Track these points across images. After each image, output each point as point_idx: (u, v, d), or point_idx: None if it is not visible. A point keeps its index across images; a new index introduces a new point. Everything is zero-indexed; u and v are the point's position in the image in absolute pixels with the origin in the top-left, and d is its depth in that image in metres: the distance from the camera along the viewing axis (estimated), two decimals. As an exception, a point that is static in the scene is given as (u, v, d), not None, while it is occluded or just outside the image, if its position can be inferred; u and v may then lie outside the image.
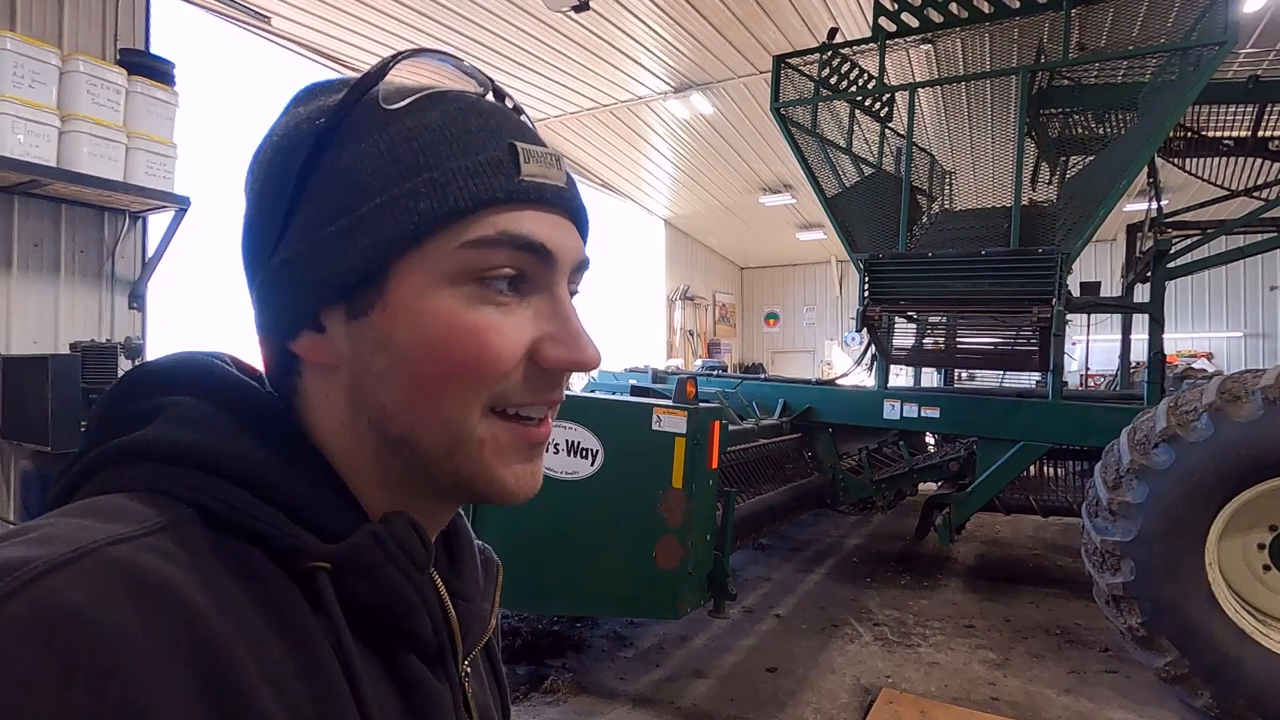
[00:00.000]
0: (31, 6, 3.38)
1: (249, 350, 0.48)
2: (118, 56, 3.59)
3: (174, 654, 0.30)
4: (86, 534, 0.32)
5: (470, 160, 0.41)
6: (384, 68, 0.43)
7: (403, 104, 0.42)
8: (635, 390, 4.56)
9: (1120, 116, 4.25)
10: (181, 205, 3.60)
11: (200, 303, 5.33)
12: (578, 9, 5.49)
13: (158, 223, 3.82)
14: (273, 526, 0.38)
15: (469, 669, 0.49)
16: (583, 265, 0.47)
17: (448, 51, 0.46)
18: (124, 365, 3.50)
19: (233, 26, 5.89)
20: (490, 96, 0.46)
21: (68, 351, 3.28)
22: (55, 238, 3.48)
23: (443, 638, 0.44)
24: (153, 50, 3.83)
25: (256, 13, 5.62)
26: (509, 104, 0.47)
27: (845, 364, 6.11)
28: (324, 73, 7.69)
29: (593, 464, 2.67)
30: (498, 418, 0.43)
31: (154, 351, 3.85)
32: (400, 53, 0.44)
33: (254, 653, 0.33)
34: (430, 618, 0.43)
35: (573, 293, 0.47)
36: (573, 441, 2.68)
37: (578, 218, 0.47)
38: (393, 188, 0.41)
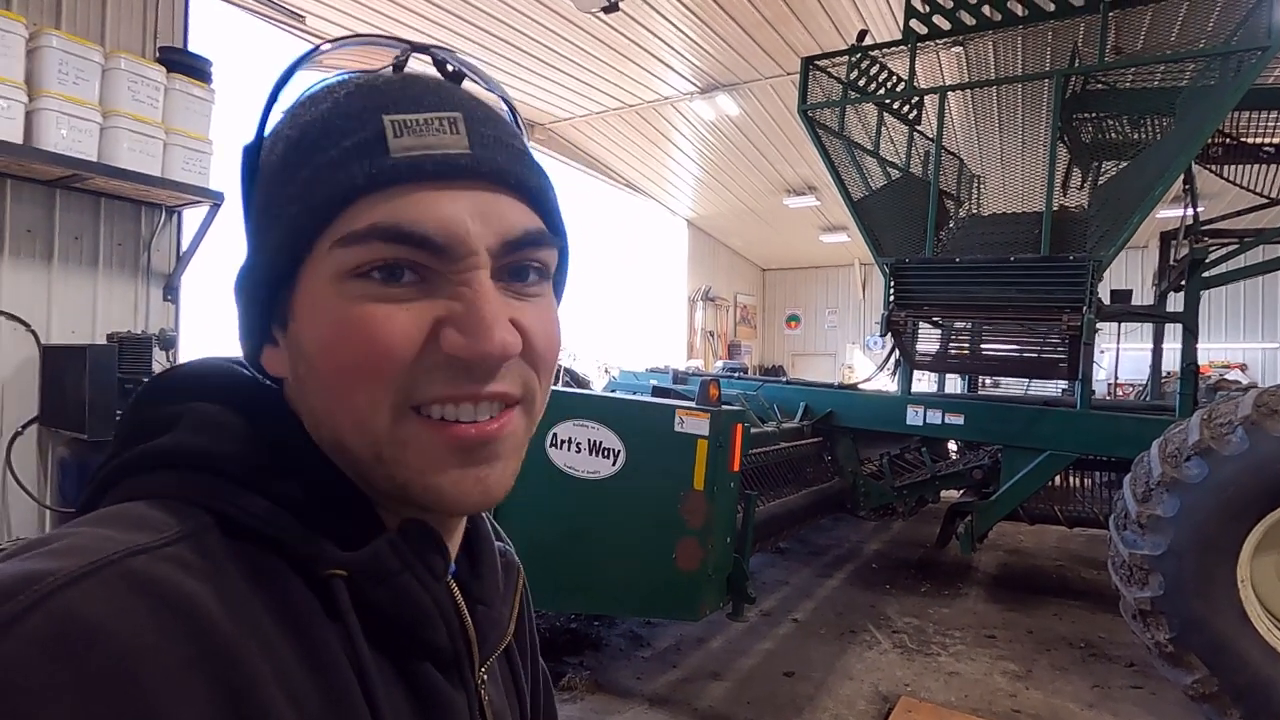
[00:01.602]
0: (76, 5, 3.47)
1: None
2: (157, 54, 3.67)
3: (191, 666, 0.31)
4: (107, 545, 0.32)
5: (335, 150, 0.38)
6: (290, 71, 0.41)
7: (297, 105, 0.41)
8: (656, 391, 4.56)
9: (1156, 122, 4.17)
10: (216, 201, 3.68)
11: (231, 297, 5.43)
12: (607, 10, 5.51)
13: (192, 217, 3.90)
14: (290, 534, 0.38)
15: (486, 676, 0.48)
16: (522, 241, 0.40)
17: (360, 34, 0.44)
18: (158, 356, 3.59)
19: (268, 25, 6.00)
20: (396, 70, 0.42)
21: (105, 342, 3.36)
22: (94, 231, 3.57)
23: (459, 645, 0.44)
24: (191, 48, 3.91)
25: (291, 12, 5.72)
26: (446, 69, 0.43)
27: (867, 368, 6.06)
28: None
29: (614, 464, 2.68)
30: (420, 418, 0.39)
31: (187, 343, 3.94)
32: (313, 48, 0.42)
33: (270, 662, 0.34)
34: (446, 626, 0.43)
35: (525, 270, 0.41)
36: (595, 441, 2.70)
37: (494, 181, 0.39)
38: (281, 197, 0.40)
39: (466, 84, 0.43)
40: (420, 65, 0.42)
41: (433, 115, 0.38)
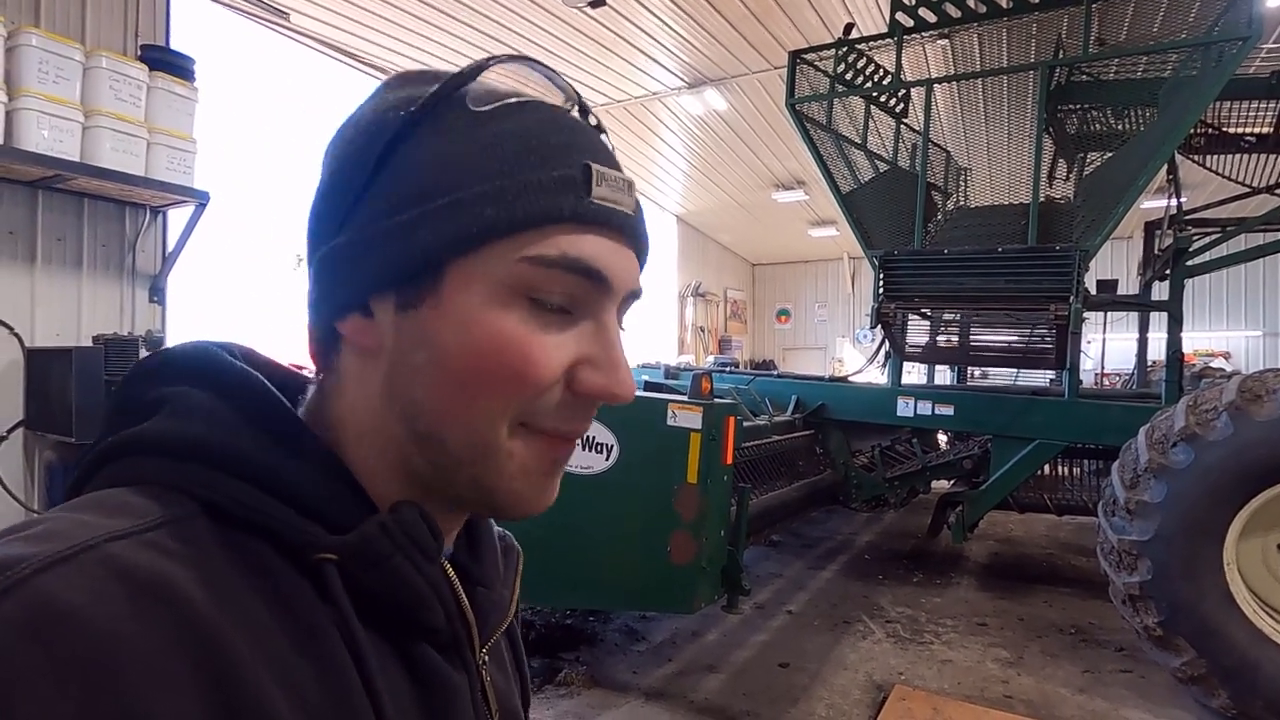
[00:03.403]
0: (55, 3, 3.42)
1: (265, 341, 0.48)
2: (139, 52, 3.63)
3: (171, 651, 0.30)
4: (86, 530, 0.32)
5: (543, 174, 0.41)
6: (479, 68, 0.43)
7: (489, 107, 0.42)
8: (649, 386, 4.57)
9: (1140, 112, 4.21)
10: (201, 200, 3.64)
11: (219, 296, 5.39)
12: (594, 4, 5.49)
13: (177, 217, 3.86)
14: (278, 520, 0.38)
15: (487, 656, 0.48)
16: (634, 295, 0.46)
17: (540, 61, 0.46)
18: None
19: (252, 23, 5.94)
20: (576, 112, 0.46)
21: (90, 344, 3.32)
22: (78, 232, 3.52)
23: (457, 627, 0.44)
24: (173, 46, 3.87)
25: (276, 9, 5.66)
26: (592, 121, 0.47)
27: (856, 361, 6.08)
28: (341, 69, 7.72)
29: (608, 459, 2.68)
30: (528, 432, 0.42)
31: (174, 344, 3.90)
32: (495, 56, 0.44)
33: (260, 647, 0.33)
34: (443, 607, 0.43)
35: (619, 323, 0.46)
36: (588, 436, 2.70)
37: (639, 247, 0.46)
38: (463, 189, 0.40)
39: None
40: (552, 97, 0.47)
41: (619, 176, 0.44)
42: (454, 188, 0.41)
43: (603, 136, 0.47)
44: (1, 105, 2.96)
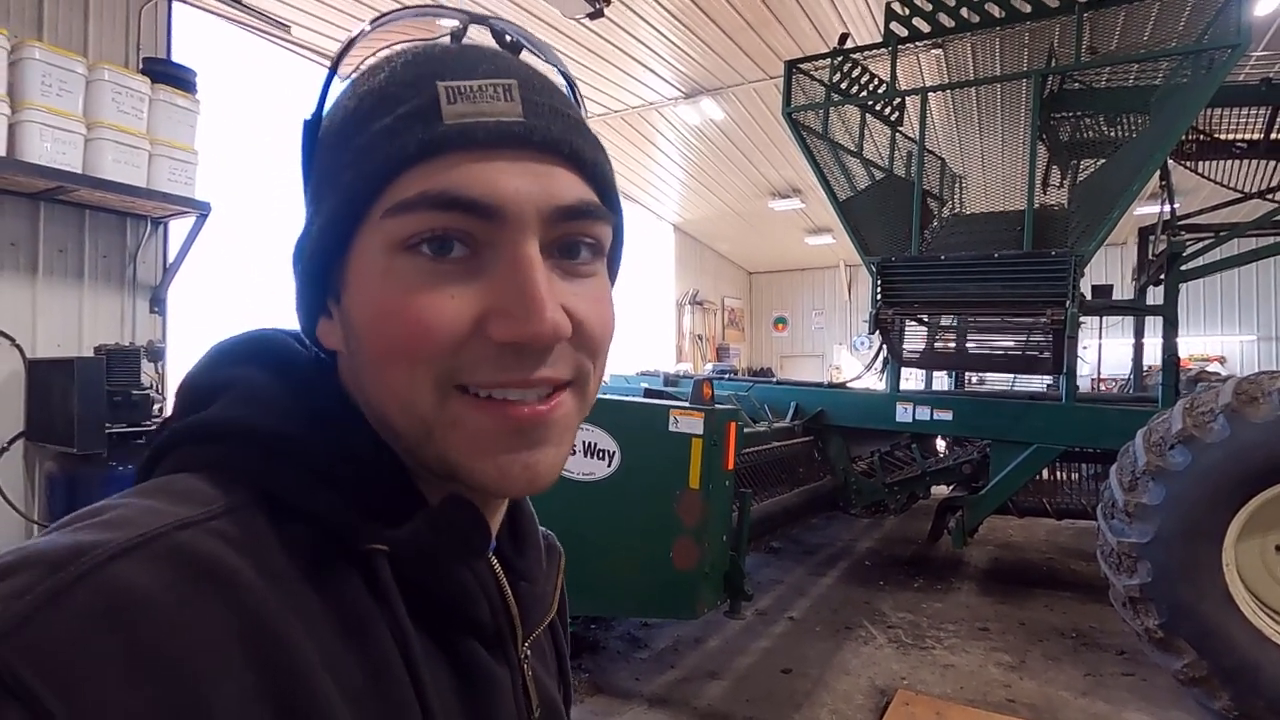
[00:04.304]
0: (58, 16, 3.45)
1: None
2: (141, 65, 3.66)
3: (234, 640, 0.31)
4: (154, 518, 0.33)
5: (390, 117, 0.37)
6: (350, 41, 0.41)
7: (356, 74, 0.41)
8: (649, 394, 4.58)
9: (1132, 120, 4.25)
10: (202, 211, 3.66)
11: (220, 307, 5.39)
12: (591, 16, 5.54)
13: (179, 228, 3.88)
14: (333, 510, 0.38)
15: (529, 651, 0.48)
16: (574, 211, 0.39)
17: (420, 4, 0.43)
18: (146, 368, 3.56)
19: (253, 36, 5.97)
20: (471, 38, 0.42)
21: (92, 355, 3.33)
22: (79, 243, 3.54)
23: (501, 622, 0.44)
24: (175, 59, 3.90)
25: (277, 22, 5.70)
26: (504, 40, 0.43)
27: (854, 368, 6.11)
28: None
29: (609, 465, 2.69)
30: (469, 397, 0.39)
31: (175, 355, 3.90)
32: (375, 19, 0.42)
33: (311, 637, 0.34)
34: (488, 601, 0.43)
35: (577, 246, 0.40)
36: (589, 443, 2.71)
37: (553, 151, 0.38)
38: (335, 164, 0.39)
39: (525, 55, 0.43)
40: (480, 37, 0.43)
41: (487, 82, 0.37)
42: (331, 169, 0.40)
43: (498, 49, 0.42)
44: (5, 118, 2.98)
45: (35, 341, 3.37)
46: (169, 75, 3.59)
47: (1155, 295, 4.30)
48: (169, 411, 0.44)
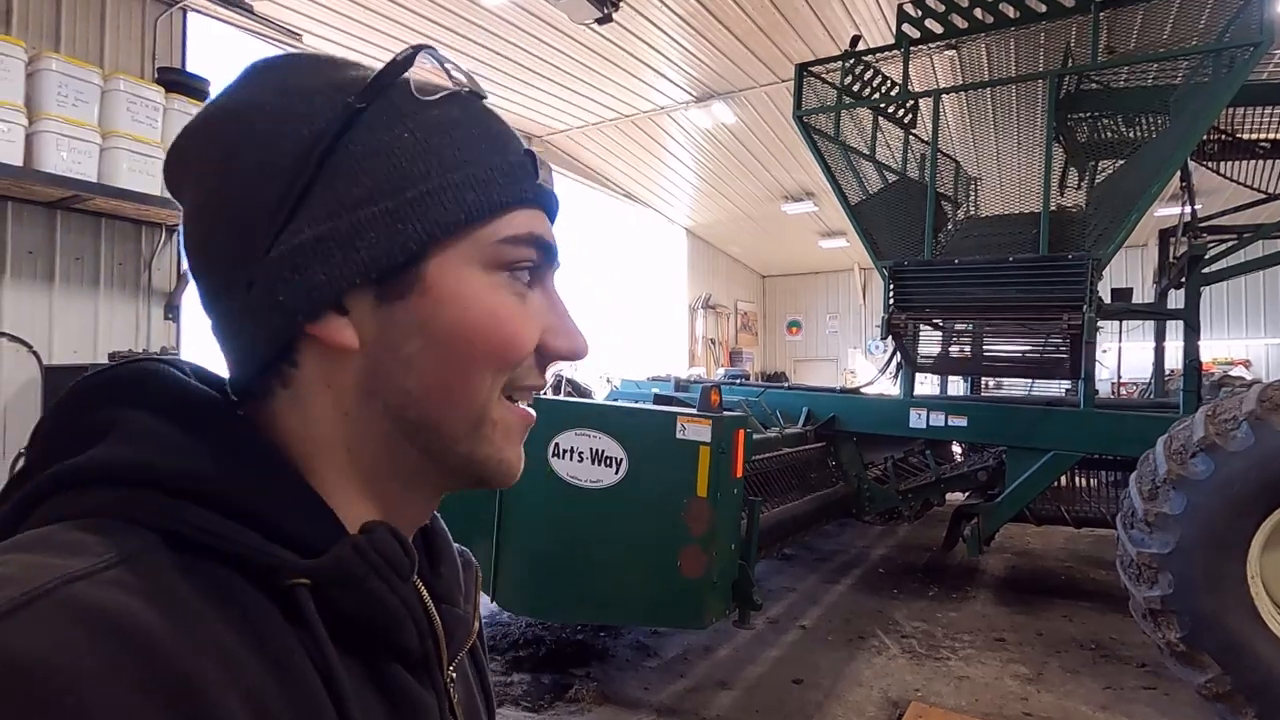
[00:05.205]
0: (75, 28, 3.51)
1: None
2: (156, 75, 3.71)
3: (144, 696, 0.29)
4: (41, 573, 0.30)
5: (504, 160, 0.45)
6: (410, 57, 0.44)
7: (435, 96, 0.44)
8: (659, 399, 4.56)
9: (1151, 120, 4.18)
10: (215, 218, 3.70)
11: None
12: (601, 21, 5.55)
13: (193, 236, 3.92)
14: (246, 546, 0.36)
15: (454, 674, 0.48)
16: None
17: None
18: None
19: (265, 45, 6.05)
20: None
21: (106, 361, 3.37)
22: (95, 251, 3.59)
23: (428, 646, 0.44)
24: (189, 69, 3.94)
25: (289, 31, 5.77)
26: (450, 74, 0.49)
27: (868, 372, 6.05)
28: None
29: (617, 473, 2.67)
30: (504, 399, 0.45)
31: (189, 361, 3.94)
32: (419, 46, 0.45)
33: (231, 679, 0.32)
34: (416, 626, 0.42)
35: None
36: (597, 450, 2.69)
37: (554, 218, 0.51)
38: (437, 176, 0.42)
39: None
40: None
41: (542, 158, 0.48)
42: (427, 176, 0.42)
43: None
44: (22, 128, 3.02)
45: (51, 348, 3.41)
46: (183, 84, 3.64)
47: (1177, 298, 4.21)
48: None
